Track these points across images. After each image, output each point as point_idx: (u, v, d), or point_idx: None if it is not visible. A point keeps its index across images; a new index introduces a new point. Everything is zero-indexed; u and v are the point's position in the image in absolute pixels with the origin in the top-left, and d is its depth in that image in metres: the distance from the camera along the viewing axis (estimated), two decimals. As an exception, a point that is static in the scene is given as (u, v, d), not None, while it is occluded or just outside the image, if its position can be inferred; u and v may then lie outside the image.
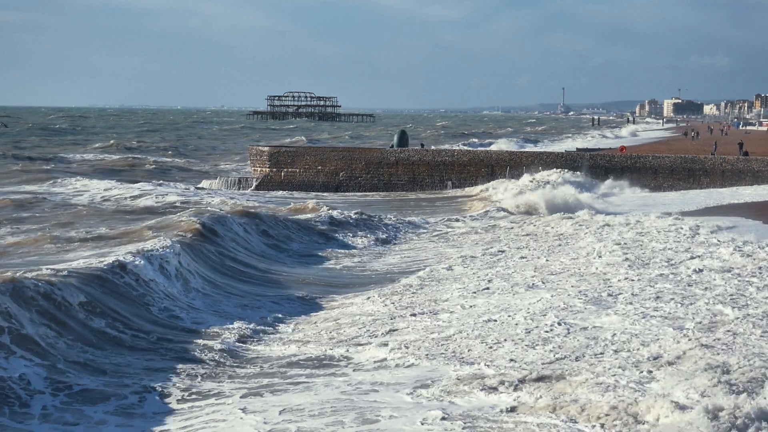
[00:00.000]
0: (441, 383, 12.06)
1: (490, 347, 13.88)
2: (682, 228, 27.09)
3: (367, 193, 46.29)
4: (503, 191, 41.96)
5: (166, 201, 38.35)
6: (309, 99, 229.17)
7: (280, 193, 46.03)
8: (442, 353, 13.75)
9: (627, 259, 21.72)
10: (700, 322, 14.88)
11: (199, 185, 49.26)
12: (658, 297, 17.09)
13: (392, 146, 52.22)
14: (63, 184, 46.40)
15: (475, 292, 18.52)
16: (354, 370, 13.27)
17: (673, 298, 16.99)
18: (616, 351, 13.37)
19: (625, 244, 24.33)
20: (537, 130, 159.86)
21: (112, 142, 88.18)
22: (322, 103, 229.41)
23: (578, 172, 45.58)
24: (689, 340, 13.67)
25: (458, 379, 12.13)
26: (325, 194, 45.46)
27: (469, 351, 13.77)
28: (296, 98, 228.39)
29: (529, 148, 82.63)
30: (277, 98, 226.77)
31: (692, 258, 21.49)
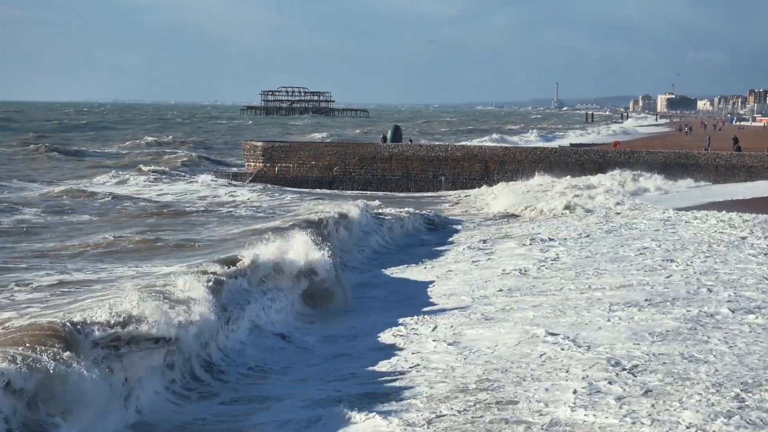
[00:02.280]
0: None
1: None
2: (676, 222, 27.08)
3: (377, 193, 44.77)
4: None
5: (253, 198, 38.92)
6: (303, 94, 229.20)
7: (295, 189, 45.45)
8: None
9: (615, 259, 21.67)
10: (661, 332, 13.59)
11: (193, 179, 49.08)
12: (634, 304, 15.80)
13: (384, 140, 52.28)
14: (132, 181, 46.27)
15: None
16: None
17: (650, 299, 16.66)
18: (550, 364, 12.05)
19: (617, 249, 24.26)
20: (539, 126, 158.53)
21: (143, 140, 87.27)
22: (316, 98, 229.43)
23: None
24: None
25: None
26: (322, 190, 45.37)
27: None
28: (290, 93, 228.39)
29: (545, 143, 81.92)
30: (270, 93, 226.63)
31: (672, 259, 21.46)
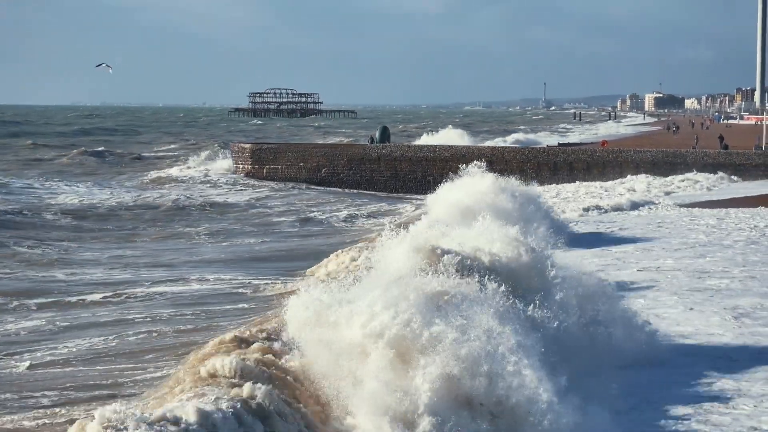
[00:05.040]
0: None
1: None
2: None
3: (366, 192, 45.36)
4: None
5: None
6: (290, 96, 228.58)
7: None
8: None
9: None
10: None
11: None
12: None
13: (372, 141, 52.45)
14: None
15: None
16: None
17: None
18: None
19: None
20: (542, 126, 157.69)
21: (176, 143, 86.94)
22: (303, 99, 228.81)
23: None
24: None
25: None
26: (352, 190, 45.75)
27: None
28: (278, 95, 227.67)
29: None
30: (258, 95, 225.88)
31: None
